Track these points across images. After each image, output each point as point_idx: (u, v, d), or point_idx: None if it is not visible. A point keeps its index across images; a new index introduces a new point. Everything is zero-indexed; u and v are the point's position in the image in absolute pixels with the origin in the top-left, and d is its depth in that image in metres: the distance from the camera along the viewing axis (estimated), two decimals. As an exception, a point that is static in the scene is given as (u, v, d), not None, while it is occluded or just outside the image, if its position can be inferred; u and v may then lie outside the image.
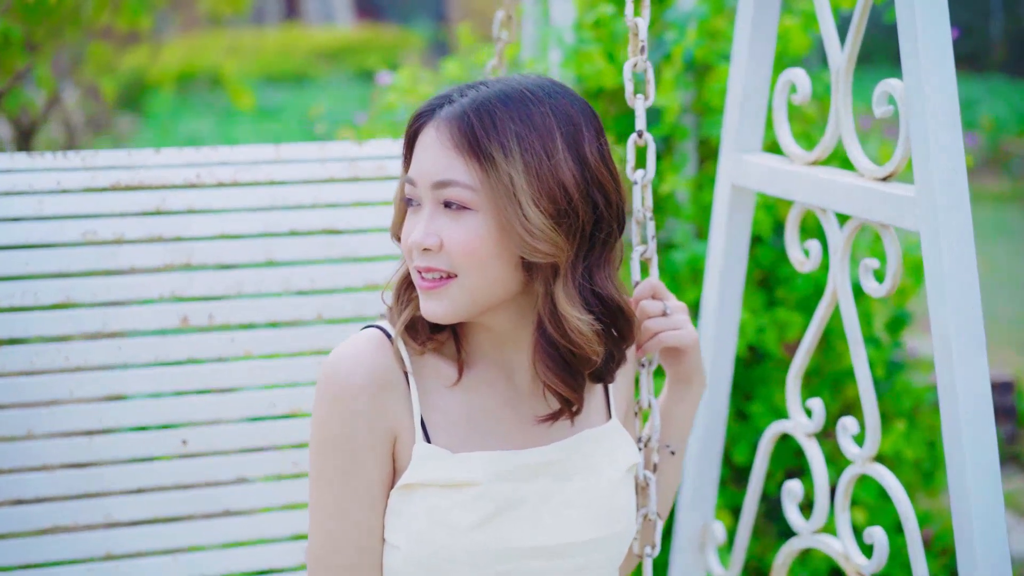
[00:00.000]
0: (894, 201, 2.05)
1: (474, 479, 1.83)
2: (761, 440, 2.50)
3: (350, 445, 1.81)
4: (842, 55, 2.19)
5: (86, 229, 2.39)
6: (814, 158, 2.29)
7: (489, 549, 1.82)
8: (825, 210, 2.26)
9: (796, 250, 2.36)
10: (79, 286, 2.38)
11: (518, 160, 1.75)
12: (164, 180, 2.44)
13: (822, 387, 3.62)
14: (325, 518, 1.84)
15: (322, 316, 2.51)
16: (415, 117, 1.84)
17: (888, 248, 2.12)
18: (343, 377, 1.81)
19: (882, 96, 2.09)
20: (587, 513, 1.89)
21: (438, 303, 1.81)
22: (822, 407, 2.35)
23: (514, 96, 1.79)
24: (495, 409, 1.89)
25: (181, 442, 2.44)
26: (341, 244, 2.53)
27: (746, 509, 2.58)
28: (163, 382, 2.44)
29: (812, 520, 2.37)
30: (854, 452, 2.26)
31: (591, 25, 3.51)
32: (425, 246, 1.79)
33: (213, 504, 2.47)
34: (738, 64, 2.45)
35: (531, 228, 1.75)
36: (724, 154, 2.50)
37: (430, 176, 1.79)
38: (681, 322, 2.04)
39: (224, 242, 2.47)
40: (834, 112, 2.21)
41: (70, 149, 6.77)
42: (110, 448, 2.40)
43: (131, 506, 2.41)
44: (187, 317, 2.44)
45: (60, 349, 2.37)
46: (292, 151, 2.56)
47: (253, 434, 2.48)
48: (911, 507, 2.14)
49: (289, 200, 2.50)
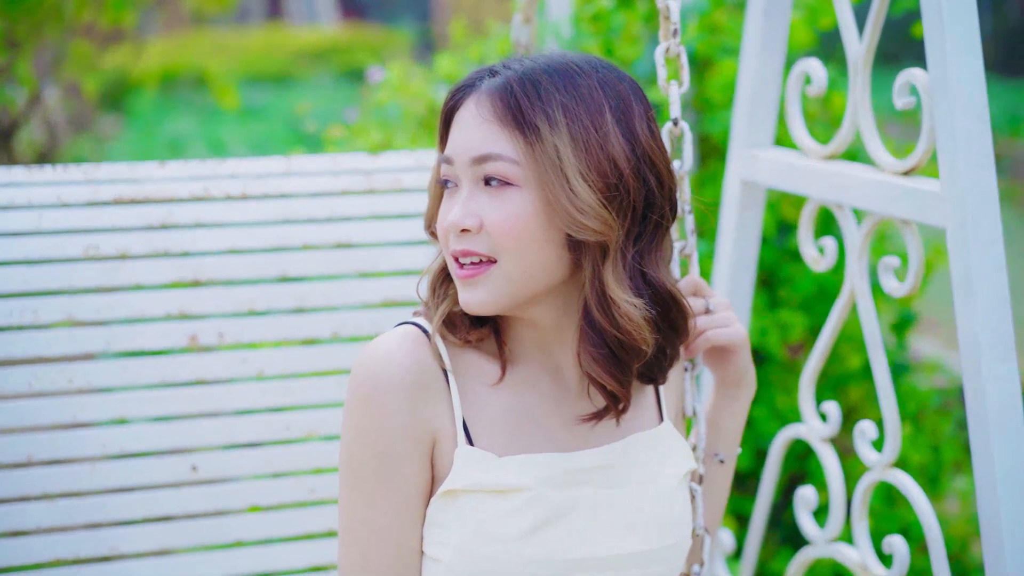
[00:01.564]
0: (918, 196, 1.96)
1: (523, 484, 1.70)
2: (772, 445, 2.41)
3: (384, 450, 1.69)
4: (860, 45, 2.10)
5: (88, 244, 2.28)
6: (830, 152, 2.20)
7: (539, 560, 1.69)
8: (842, 206, 2.17)
9: (810, 248, 2.27)
10: (81, 304, 2.27)
11: (564, 132, 1.64)
12: (170, 194, 2.34)
13: (824, 390, 3.54)
14: (357, 528, 1.71)
15: (338, 334, 2.40)
16: (452, 93, 1.73)
17: (910, 245, 2.03)
18: (376, 376, 1.68)
19: (904, 87, 2.00)
20: (642, 523, 1.76)
21: (477, 292, 1.68)
22: (838, 411, 2.26)
23: (559, 68, 1.69)
24: (540, 409, 1.77)
25: (190, 468, 2.32)
26: (357, 259, 2.42)
27: (756, 517, 2.49)
28: (171, 405, 2.32)
29: (827, 528, 2.28)
30: (872, 458, 2.17)
31: (590, 19, 3.43)
32: (464, 226, 1.67)
33: (224, 534, 2.34)
34: (749, 56, 2.36)
35: (579, 204, 1.63)
36: (733, 149, 2.41)
37: (469, 151, 1.68)
38: (729, 319, 1.91)
39: (234, 257, 2.36)
40: (852, 104, 2.13)
41: (52, 148, 6.68)
42: (115, 476, 2.28)
43: (137, 537, 2.29)
44: (196, 336, 2.33)
45: (62, 370, 2.26)
46: (303, 163, 2.46)
47: (266, 460, 2.37)
48: (934, 516, 2.05)
49: (301, 214, 2.40)
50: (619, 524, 1.75)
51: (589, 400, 1.76)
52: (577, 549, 1.71)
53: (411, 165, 2.50)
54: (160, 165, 2.38)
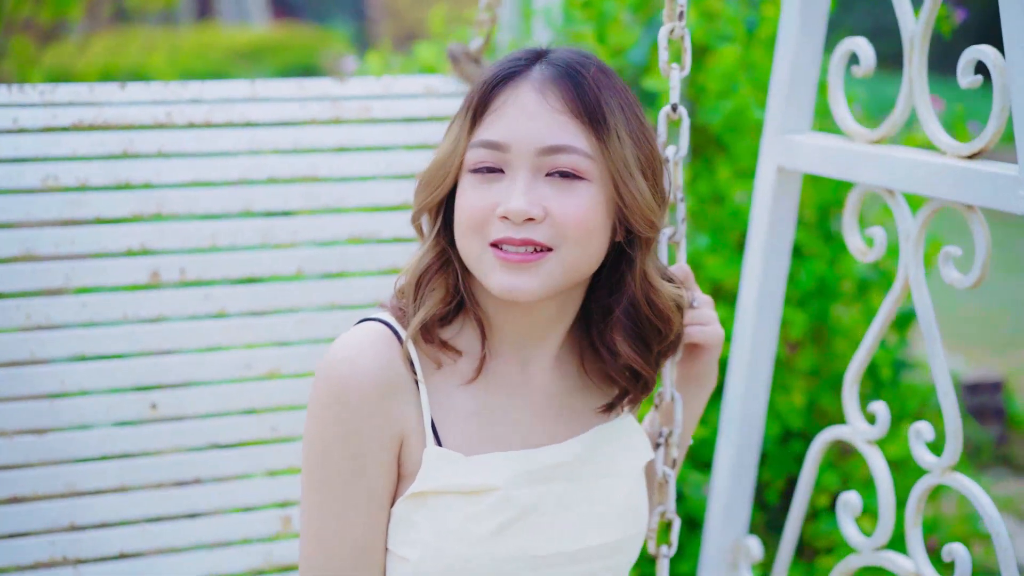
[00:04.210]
0: (990, 180, 1.84)
1: (491, 484, 1.69)
2: (811, 448, 2.29)
3: (355, 452, 1.64)
4: (917, 23, 1.98)
5: (46, 174, 2.17)
6: (879, 136, 2.09)
7: (509, 558, 1.69)
8: (893, 192, 2.05)
9: (856, 238, 2.15)
10: (39, 237, 2.17)
11: (623, 127, 1.67)
12: (131, 119, 2.23)
13: (822, 388, 3.44)
14: (320, 527, 1.66)
15: (303, 271, 2.33)
16: (496, 79, 1.68)
17: (976, 233, 1.91)
18: (344, 377, 1.64)
19: (969, 65, 1.88)
20: (607, 515, 1.78)
21: (530, 278, 1.64)
22: (887, 411, 2.14)
23: (600, 63, 1.70)
24: (510, 404, 1.75)
25: (150, 406, 2.25)
26: (324, 193, 2.34)
27: (790, 524, 2.36)
28: (131, 342, 2.24)
29: (875, 536, 2.15)
30: (929, 461, 2.05)
31: (581, 5, 3.31)
32: (531, 215, 1.62)
33: (184, 472, 2.28)
34: (787, 36, 2.23)
35: (645, 199, 1.68)
36: (768, 135, 2.28)
37: (535, 141, 1.63)
38: (708, 317, 1.92)
39: (197, 190, 2.27)
40: (907, 85, 2.01)
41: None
42: (73, 413, 2.20)
43: (96, 475, 2.22)
44: (157, 272, 2.25)
45: (19, 306, 2.17)
46: (268, 88, 2.36)
47: (227, 397, 2.29)
48: (1001, 522, 1.93)
49: (267, 144, 2.30)
50: (585, 518, 1.76)
51: (556, 393, 1.78)
52: (545, 545, 1.72)
53: (380, 92, 2.41)
54: (121, 87, 2.28)
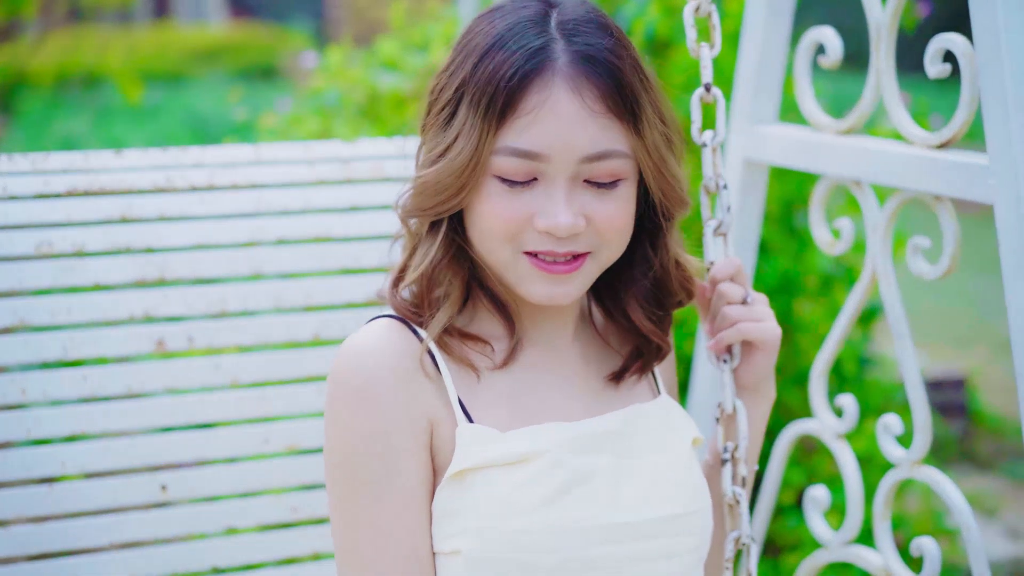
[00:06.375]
0: (960, 170, 1.82)
1: (538, 449, 1.57)
2: (777, 443, 2.26)
3: (379, 448, 1.54)
4: (884, 12, 1.96)
5: (40, 240, 2.03)
6: (847, 127, 2.06)
7: (565, 529, 1.54)
8: (860, 184, 2.03)
9: (824, 230, 2.12)
10: (34, 306, 2.02)
11: (650, 108, 1.57)
12: (129, 184, 2.10)
13: (786, 385, 3.42)
14: (358, 538, 1.55)
15: (320, 336, 2.18)
16: (520, 72, 1.52)
17: (945, 224, 1.89)
18: (367, 367, 1.55)
19: (937, 54, 1.86)
20: (664, 488, 1.64)
21: (567, 287, 1.59)
22: (855, 405, 2.12)
23: (618, 33, 1.59)
24: (542, 383, 1.66)
25: (160, 488, 2.09)
26: (338, 253, 2.20)
27: (757, 520, 2.33)
28: (137, 417, 2.08)
29: (843, 531, 2.13)
30: (898, 455, 2.03)
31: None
32: (577, 230, 1.54)
33: (199, 561, 2.11)
34: (754, 23, 2.20)
35: (680, 183, 1.65)
36: (735, 126, 2.26)
37: (576, 151, 1.53)
38: (764, 314, 1.78)
39: (203, 253, 2.12)
40: (873, 75, 1.99)
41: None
42: (75, 497, 2.04)
43: (101, 566, 2.04)
44: (163, 341, 2.10)
45: (14, 380, 2.01)
46: (273, 151, 2.23)
47: (244, 476, 2.14)
48: (973, 517, 1.92)
49: (275, 205, 2.17)
50: (643, 489, 1.63)
51: (590, 363, 1.72)
52: (605, 515, 1.58)
53: (392, 152, 2.28)
54: (116, 154, 2.14)
